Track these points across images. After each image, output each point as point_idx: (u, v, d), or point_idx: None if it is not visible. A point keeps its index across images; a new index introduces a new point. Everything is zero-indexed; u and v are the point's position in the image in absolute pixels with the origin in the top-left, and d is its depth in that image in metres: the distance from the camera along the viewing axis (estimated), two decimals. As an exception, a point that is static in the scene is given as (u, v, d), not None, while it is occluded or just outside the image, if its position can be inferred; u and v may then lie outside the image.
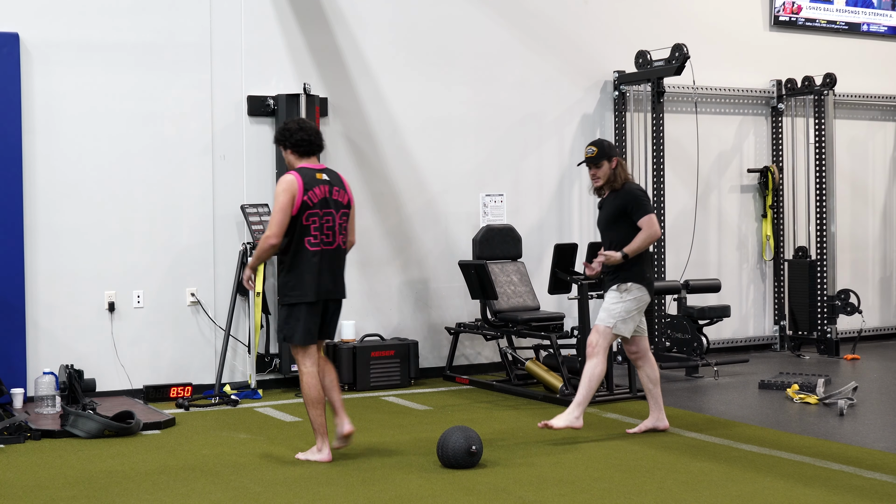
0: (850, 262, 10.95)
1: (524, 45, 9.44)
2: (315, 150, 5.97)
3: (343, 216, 5.91)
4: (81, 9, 7.87)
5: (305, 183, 5.78)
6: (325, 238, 5.84)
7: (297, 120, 6.07)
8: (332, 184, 5.89)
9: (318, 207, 5.80)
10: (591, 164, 6.54)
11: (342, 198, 5.91)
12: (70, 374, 7.36)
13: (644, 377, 6.64)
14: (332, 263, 5.88)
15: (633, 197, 6.48)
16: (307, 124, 5.99)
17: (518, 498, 5.18)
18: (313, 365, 5.89)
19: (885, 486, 5.36)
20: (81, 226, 7.85)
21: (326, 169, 5.97)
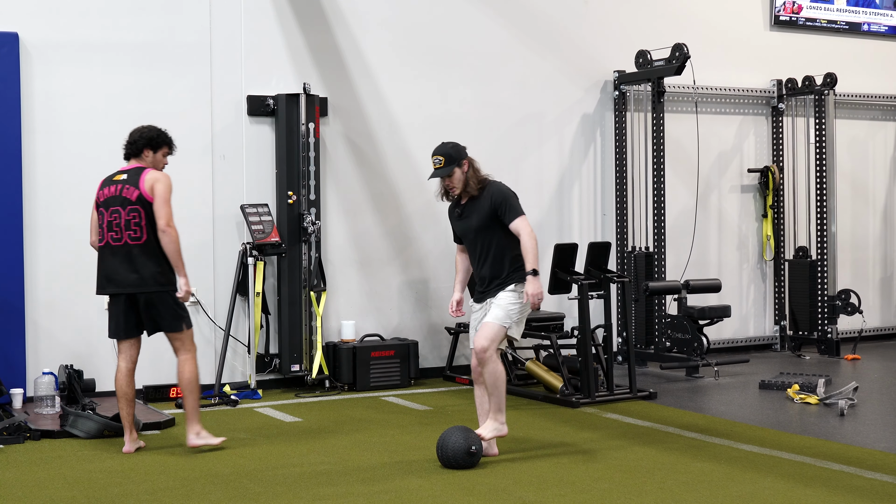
0: (850, 262, 10.95)
1: (524, 45, 9.44)
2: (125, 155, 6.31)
3: (131, 212, 6.07)
4: (81, 9, 7.86)
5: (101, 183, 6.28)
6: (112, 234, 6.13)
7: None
8: (126, 183, 6.14)
9: (103, 206, 6.17)
10: (443, 176, 6.04)
11: (131, 195, 6.09)
12: (69, 375, 7.35)
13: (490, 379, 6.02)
14: (121, 258, 6.10)
15: (504, 198, 6.02)
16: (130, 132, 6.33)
17: (518, 498, 5.18)
18: (122, 361, 6.24)
19: (886, 486, 5.35)
20: (81, 225, 7.79)
21: (132, 170, 6.21)
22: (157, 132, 6.28)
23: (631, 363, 8.05)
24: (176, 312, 6.20)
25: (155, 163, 6.26)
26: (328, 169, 8.61)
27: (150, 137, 6.24)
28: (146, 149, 6.24)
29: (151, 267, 6.10)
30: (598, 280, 7.92)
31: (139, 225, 6.07)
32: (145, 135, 6.25)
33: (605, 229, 9.77)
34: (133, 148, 6.25)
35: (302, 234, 8.26)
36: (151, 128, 6.30)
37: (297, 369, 8.25)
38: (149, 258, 6.09)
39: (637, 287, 9.32)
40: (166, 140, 6.31)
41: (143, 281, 6.10)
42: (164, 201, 6.05)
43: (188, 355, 6.26)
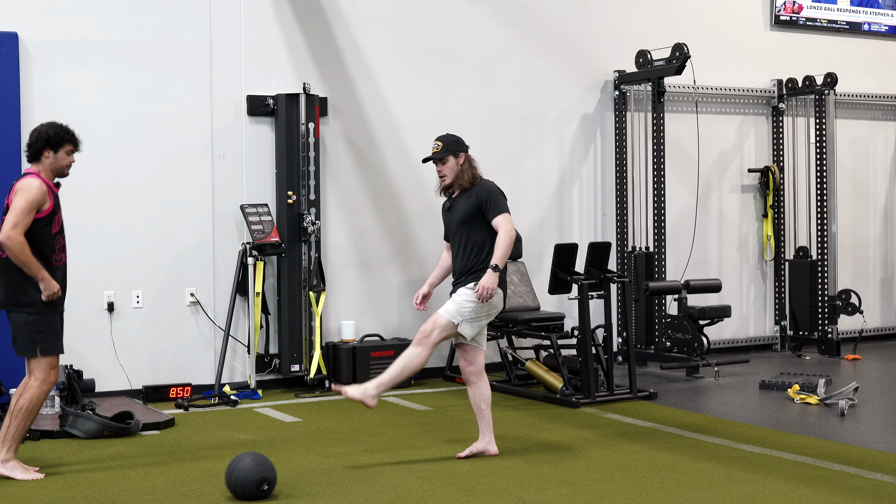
0: (850, 262, 10.94)
1: (524, 45, 9.43)
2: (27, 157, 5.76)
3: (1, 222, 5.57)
4: (81, 8, 7.86)
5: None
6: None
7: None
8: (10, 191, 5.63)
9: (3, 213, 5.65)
10: (437, 161, 6.11)
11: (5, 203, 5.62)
12: (69, 375, 7.34)
13: (477, 396, 6.02)
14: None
15: (489, 193, 6.02)
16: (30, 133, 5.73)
17: (518, 498, 5.17)
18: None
19: (886, 486, 5.35)
20: (80, 226, 7.83)
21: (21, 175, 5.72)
22: (56, 128, 5.66)
23: (631, 363, 8.04)
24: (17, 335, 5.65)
25: (58, 163, 5.70)
26: (328, 169, 8.60)
27: (48, 137, 5.63)
28: (46, 149, 5.66)
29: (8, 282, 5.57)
30: (599, 280, 7.91)
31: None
32: (43, 135, 5.64)
33: (605, 229, 9.76)
34: (31, 150, 5.68)
35: (302, 234, 8.25)
36: (51, 124, 5.69)
37: (296, 369, 8.25)
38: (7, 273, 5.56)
39: (637, 287, 9.31)
40: (67, 136, 5.69)
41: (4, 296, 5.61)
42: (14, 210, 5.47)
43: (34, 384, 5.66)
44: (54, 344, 5.70)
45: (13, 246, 5.44)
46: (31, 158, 5.72)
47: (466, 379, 6.08)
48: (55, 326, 5.71)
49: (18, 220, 5.46)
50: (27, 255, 5.47)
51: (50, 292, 5.57)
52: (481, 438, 6.06)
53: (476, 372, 6.04)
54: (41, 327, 5.62)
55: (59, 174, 5.79)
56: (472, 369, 6.05)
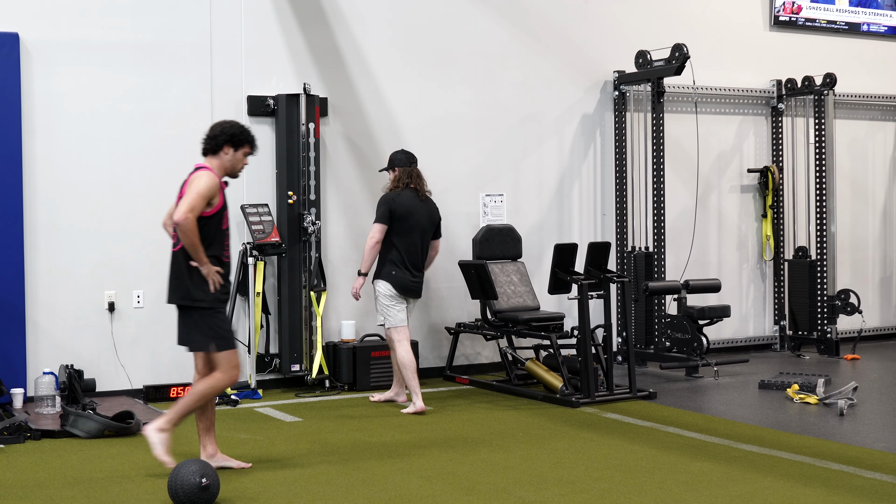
0: (850, 262, 10.95)
1: (524, 45, 9.44)
2: (202, 150, 5.82)
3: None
4: (81, 9, 7.87)
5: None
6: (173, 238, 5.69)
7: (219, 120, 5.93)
8: (185, 183, 5.69)
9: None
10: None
11: (177, 198, 5.68)
12: (70, 374, 7.36)
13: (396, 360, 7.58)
14: (170, 264, 5.69)
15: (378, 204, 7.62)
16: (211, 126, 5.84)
17: (518, 498, 5.18)
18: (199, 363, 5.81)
19: (886, 486, 5.36)
20: (81, 226, 7.85)
21: (195, 168, 5.73)
22: (239, 128, 5.79)
23: (631, 363, 8.05)
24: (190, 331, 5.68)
25: (234, 162, 5.75)
26: (328, 169, 8.61)
27: (232, 134, 5.73)
28: (227, 146, 5.72)
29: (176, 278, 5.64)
30: (598, 280, 7.92)
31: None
32: (227, 131, 5.74)
33: (605, 229, 9.77)
34: (211, 144, 5.74)
35: (302, 234, 8.26)
36: (235, 123, 5.82)
37: (297, 369, 8.26)
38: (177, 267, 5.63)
39: (637, 287, 9.33)
40: (249, 138, 5.79)
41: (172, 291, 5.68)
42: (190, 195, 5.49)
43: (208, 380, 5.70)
44: (228, 339, 5.73)
45: (188, 226, 5.45)
46: (208, 152, 5.76)
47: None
48: (227, 322, 5.79)
49: (195, 205, 5.49)
50: (198, 238, 5.50)
51: (213, 278, 5.57)
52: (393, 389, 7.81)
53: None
54: (213, 323, 5.65)
55: (230, 174, 5.82)
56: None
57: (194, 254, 5.51)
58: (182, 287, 5.59)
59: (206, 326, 5.61)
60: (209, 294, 5.58)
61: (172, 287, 5.66)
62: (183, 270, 5.58)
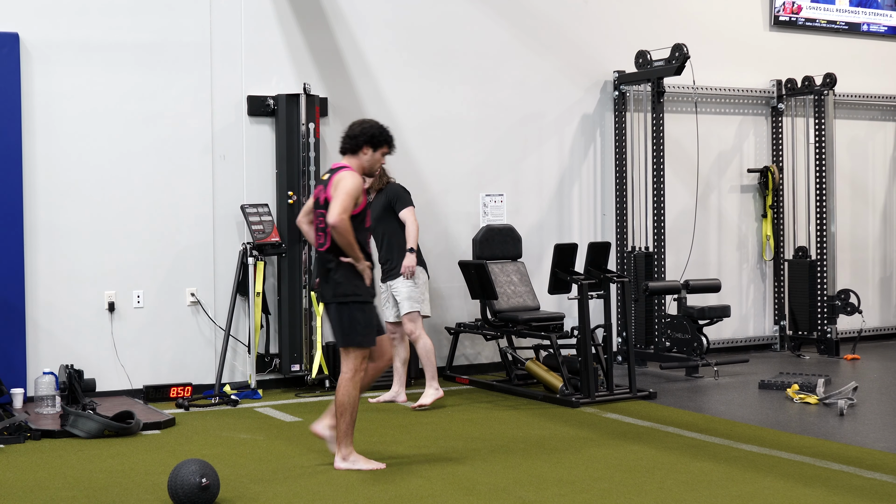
0: (850, 262, 10.95)
1: (524, 45, 9.44)
2: (341, 149, 5.93)
3: (320, 216, 5.74)
4: (81, 9, 7.87)
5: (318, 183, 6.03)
6: (316, 238, 5.83)
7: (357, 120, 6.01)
8: (324, 185, 5.78)
9: (315, 207, 5.86)
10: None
11: (321, 198, 5.76)
12: (70, 374, 7.36)
13: (421, 350, 7.73)
14: (316, 262, 5.90)
15: (396, 193, 7.61)
16: (350, 124, 5.93)
17: (518, 498, 5.18)
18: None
19: (885, 486, 5.36)
20: (81, 226, 7.85)
21: (335, 169, 5.81)
22: (379, 128, 5.85)
23: (631, 363, 8.05)
24: (343, 327, 5.72)
25: (372, 162, 5.85)
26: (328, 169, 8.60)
27: (372, 134, 5.80)
28: (366, 146, 5.81)
29: (326, 276, 5.74)
30: (598, 280, 7.92)
31: (325, 231, 5.71)
32: (368, 131, 5.81)
33: (605, 229, 9.77)
34: (351, 144, 5.83)
35: (302, 235, 8.25)
36: (375, 123, 5.88)
37: (297, 369, 8.26)
38: (326, 266, 5.73)
39: (637, 287, 9.33)
40: (388, 138, 5.87)
41: (323, 289, 5.78)
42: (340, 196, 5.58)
43: (346, 375, 5.74)
44: (369, 336, 5.78)
45: (343, 227, 5.55)
46: (347, 152, 5.85)
47: (415, 339, 7.73)
48: (372, 318, 5.83)
49: (346, 205, 5.58)
50: (353, 237, 5.61)
51: (368, 275, 5.72)
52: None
53: (401, 338, 7.80)
54: (362, 318, 5.74)
55: (367, 173, 5.91)
56: (397, 335, 7.76)
57: (351, 252, 5.63)
58: (333, 284, 5.70)
59: (355, 322, 5.71)
60: (361, 289, 5.71)
61: (322, 286, 5.76)
62: (333, 268, 5.69)
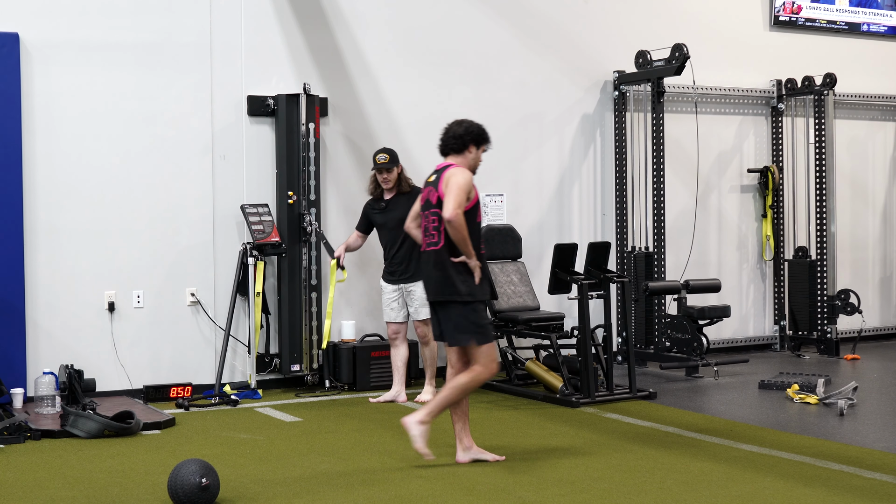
0: (850, 262, 10.95)
1: (524, 45, 9.44)
2: (442, 150, 5.98)
3: (433, 215, 5.81)
4: (81, 9, 7.87)
5: (425, 184, 6.01)
6: (425, 238, 5.92)
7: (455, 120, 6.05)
8: (433, 185, 5.86)
9: (423, 209, 5.96)
10: (385, 170, 7.73)
11: (432, 198, 5.85)
12: (70, 374, 7.36)
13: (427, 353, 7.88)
14: (425, 263, 5.94)
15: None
16: (449, 125, 5.99)
17: (518, 498, 5.18)
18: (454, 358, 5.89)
19: (885, 486, 5.36)
20: (81, 226, 7.85)
21: (441, 169, 5.88)
22: (482, 127, 5.95)
23: (631, 363, 8.05)
24: (460, 325, 5.76)
25: (476, 161, 5.94)
26: (328, 169, 8.61)
27: (478, 133, 5.90)
28: (472, 145, 5.90)
29: (443, 275, 5.78)
30: (598, 280, 7.92)
31: (438, 230, 5.79)
32: (473, 130, 5.90)
33: (605, 229, 9.77)
34: (456, 143, 5.90)
35: (302, 234, 8.26)
36: (476, 122, 5.97)
37: (297, 369, 8.26)
38: (442, 265, 5.78)
39: (637, 287, 9.33)
40: (488, 137, 5.98)
41: (434, 287, 5.85)
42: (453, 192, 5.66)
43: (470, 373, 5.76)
44: (488, 333, 5.81)
45: (458, 222, 5.63)
46: (453, 151, 5.91)
47: (427, 342, 7.84)
48: (486, 315, 5.88)
49: (460, 200, 5.66)
50: (466, 232, 5.68)
51: (478, 273, 5.78)
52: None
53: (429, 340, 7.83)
54: (476, 317, 5.76)
55: (472, 171, 5.94)
56: (427, 337, 7.82)
57: (464, 248, 5.70)
58: (446, 283, 5.74)
59: (469, 321, 5.73)
60: (474, 287, 5.76)
61: (434, 284, 5.81)
62: (447, 267, 5.75)
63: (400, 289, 7.86)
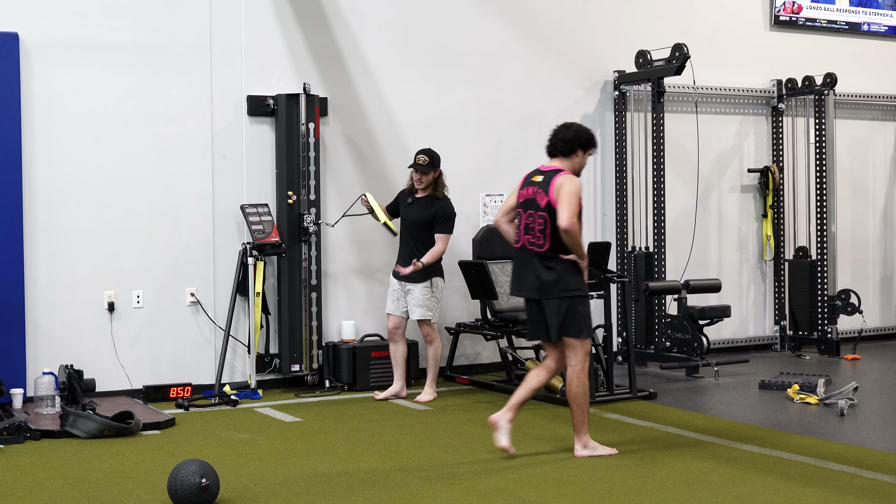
0: (850, 262, 10.95)
1: (524, 45, 9.44)
2: (550, 152, 6.15)
3: (538, 217, 5.97)
4: (81, 9, 7.86)
5: (522, 183, 6.17)
6: (526, 237, 6.06)
7: (563, 123, 6.22)
8: (539, 186, 6.01)
9: (521, 207, 6.10)
10: (420, 171, 7.76)
11: (541, 200, 5.98)
12: (70, 375, 7.35)
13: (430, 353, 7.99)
14: (524, 262, 6.08)
15: (446, 214, 7.80)
16: (557, 128, 6.16)
17: (518, 498, 5.18)
18: (550, 361, 6.16)
19: (886, 486, 5.36)
20: (81, 226, 7.85)
21: (548, 171, 6.04)
22: (589, 132, 6.14)
23: (631, 363, 8.05)
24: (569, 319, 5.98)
25: (581, 165, 6.12)
26: (328, 169, 8.61)
27: (586, 138, 6.09)
28: (579, 149, 6.09)
29: (549, 274, 5.98)
30: (598, 280, 7.91)
31: (544, 232, 5.97)
32: (582, 135, 6.09)
33: (605, 229, 9.77)
34: (565, 146, 6.08)
35: (302, 234, 8.26)
36: (584, 127, 6.16)
37: (297, 369, 8.26)
38: (548, 264, 5.98)
39: (637, 287, 9.32)
40: (595, 142, 6.21)
41: (537, 285, 6.02)
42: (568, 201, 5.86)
43: (576, 368, 5.99)
44: (591, 327, 6.12)
45: (574, 230, 5.86)
46: (561, 153, 6.11)
47: (431, 341, 7.97)
48: (590, 313, 6.14)
49: (575, 209, 5.89)
50: (580, 239, 5.95)
51: (586, 274, 6.10)
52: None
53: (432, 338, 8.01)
54: (584, 312, 6.03)
55: (576, 174, 6.12)
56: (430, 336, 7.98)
57: (578, 252, 5.96)
58: (557, 280, 5.97)
59: (579, 314, 5.99)
60: (582, 283, 6.04)
61: (541, 283, 6.00)
62: (555, 266, 5.98)
63: (402, 285, 7.92)
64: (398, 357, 8.00)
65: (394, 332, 7.98)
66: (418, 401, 7.76)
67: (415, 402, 7.72)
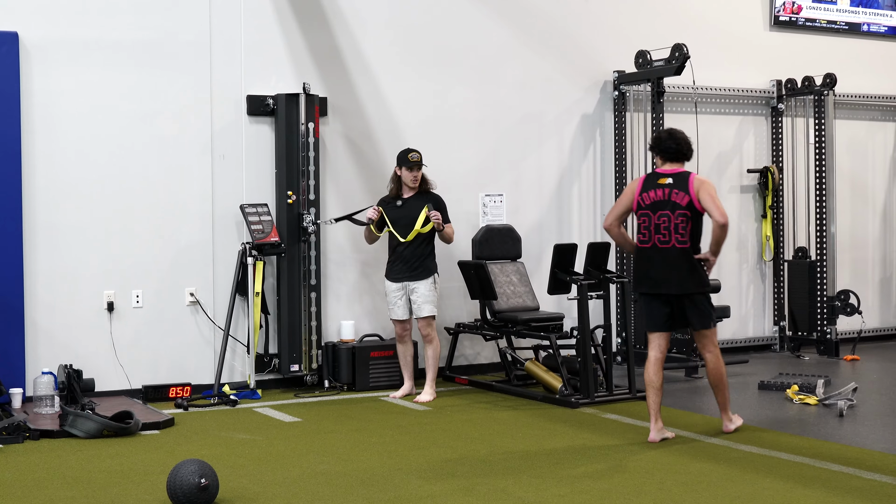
0: (849, 263, 10.95)
1: (524, 45, 9.44)
2: (674, 156, 6.59)
3: (679, 216, 6.41)
4: (81, 8, 7.86)
5: (644, 186, 6.55)
6: (659, 237, 6.45)
7: (668, 130, 6.75)
8: (673, 187, 6.43)
9: (649, 209, 6.48)
10: (418, 168, 7.91)
11: (681, 200, 6.40)
12: (69, 374, 7.35)
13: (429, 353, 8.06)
14: (663, 260, 6.46)
15: (444, 203, 8.02)
16: (676, 134, 6.66)
17: (518, 498, 5.18)
18: (652, 351, 6.54)
19: (885, 486, 5.36)
20: (81, 225, 7.85)
21: (677, 175, 6.50)
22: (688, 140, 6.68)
23: (630, 363, 8.05)
24: (707, 312, 6.51)
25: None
26: (328, 169, 8.61)
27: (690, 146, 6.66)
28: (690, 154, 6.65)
29: (691, 270, 6.43)
30: (598, 280, 7.92)
31: (686, 230, 6.43)
32: (689, 143, 6.66)
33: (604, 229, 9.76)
34: (689, 153, 6.64)
35: (302, 234, 8.26)
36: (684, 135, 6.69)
37: (296, 369, 8.26)
38: (689, 262, 6.44)
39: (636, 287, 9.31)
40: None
41: (681, 282, 6.43)
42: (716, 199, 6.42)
43: (715, 352, 6.56)
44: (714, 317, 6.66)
45: (727, 227, 6.42)
46: (682, 158, 6.65)
47: (430, 340, 8.03)
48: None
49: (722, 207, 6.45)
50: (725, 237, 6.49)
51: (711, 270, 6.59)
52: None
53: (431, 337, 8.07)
54: (712, 304, 6.62)
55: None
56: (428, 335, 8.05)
57: (719, 248, 6.51)
58: (698, 277, 6.46)
59: (712, 307, 6.57)
60: (709, 280, 6.56)
61: (685, 279, 6.45)
62: (694, 264, 6.46)
63: (403, 286, 7.92)
64: (408, 357, 8.10)
65: (403, 334, 8.05)
66: (418, 401, 7.76)
67: (414, 403, 7.73)
